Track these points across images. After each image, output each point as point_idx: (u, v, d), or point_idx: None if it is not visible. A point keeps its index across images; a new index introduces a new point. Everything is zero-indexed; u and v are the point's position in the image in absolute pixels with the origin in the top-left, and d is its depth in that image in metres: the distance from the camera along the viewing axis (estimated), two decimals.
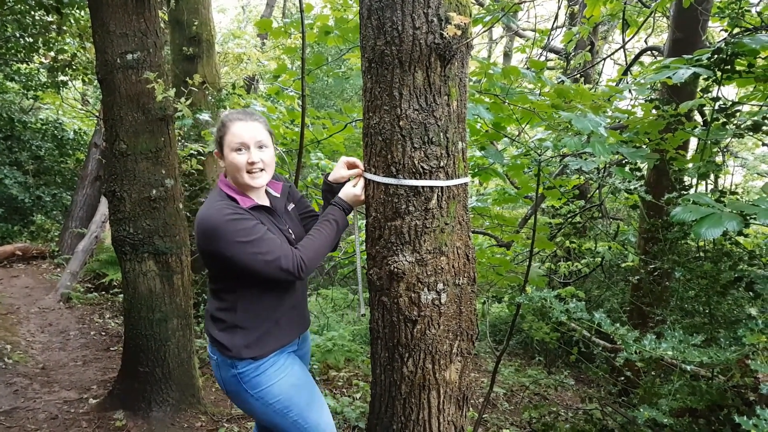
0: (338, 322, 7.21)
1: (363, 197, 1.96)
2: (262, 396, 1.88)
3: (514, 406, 5.47)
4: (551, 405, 5.48)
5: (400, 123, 1.90)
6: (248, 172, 1.85)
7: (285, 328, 1.95)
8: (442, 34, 1.82)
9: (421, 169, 1.91)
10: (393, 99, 1.89)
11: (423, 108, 1.88)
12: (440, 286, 1.99)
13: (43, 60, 8.09)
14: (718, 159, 4.92)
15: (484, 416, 4.25)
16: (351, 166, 2.08)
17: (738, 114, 3.67)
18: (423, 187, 1.92)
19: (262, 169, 1.88)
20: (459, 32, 1.79)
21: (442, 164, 1.92)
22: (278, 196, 2.07)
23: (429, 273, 1.97)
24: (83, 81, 6.74)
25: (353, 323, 7.35)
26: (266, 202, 2.00)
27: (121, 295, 6.60)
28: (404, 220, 1.95)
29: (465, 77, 1.99)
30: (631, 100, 5.72)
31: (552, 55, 8.39)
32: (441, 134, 1.91)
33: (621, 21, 6.98)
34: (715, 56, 3.32)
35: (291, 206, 2.12)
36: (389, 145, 1.93)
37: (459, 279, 2.03)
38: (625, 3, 6.28)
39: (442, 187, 1.94)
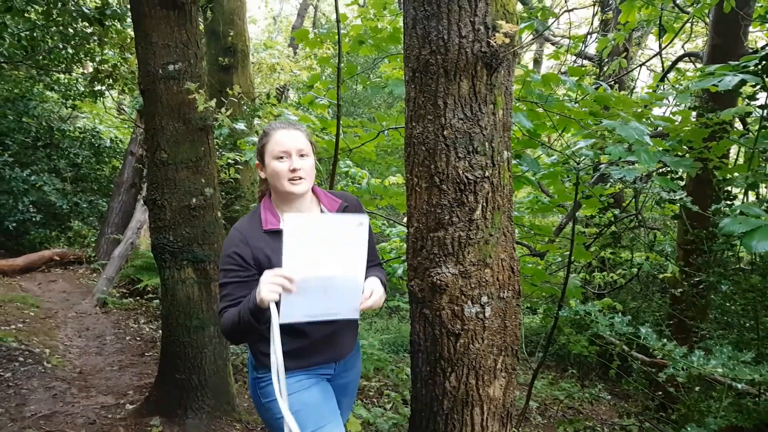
0: (367, 330, 7.18)
1: (262, 295, 1.60)
2: (270, 407, 1.86)
3: (547, 420, 5.35)
4: (587, 419, 5.35)
5: (445, 132, 1.87)
6: (290, 180, 1.84)
7: (308, 352, 1.89)
8: (489, 42, 1.79)
9: (465, 179, 1.88)
10: (437, 108, 1.87)
11: (468, 117, 1.85)
12: (484, 299, 1.95)
13: (83, 71, 8.31)
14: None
15: (518, 431, 4.16)
16: None
17: None
18: (467, 196, 1.88)
19: (301, 178, 1.86)
20: (507, 40, 1.76)
21: (487, 174, 1.89)
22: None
23: (473, 285, 1.93)
24: (123, 90, 6.90)
25: (382, 332, 7.32)
26: None
27: (156, 301, 6.71)
28: (447, 231, 1.91)
29: (510, 85, 1.96)
30: (668, 107, 5.58)
31: (583, 62, 8.27)
32: (486, 143, 1.88)
33: (655, 27, 6.84)
34: (763, 62, 3.22)
35: None
36: (433, 154, 1.90)
37: (503, 292, 1.99)
38: (662, 9, 6.15)
39: (486, 197, 1.90)
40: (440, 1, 1.79)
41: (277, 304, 1.62)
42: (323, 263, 1.62)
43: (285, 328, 1.81)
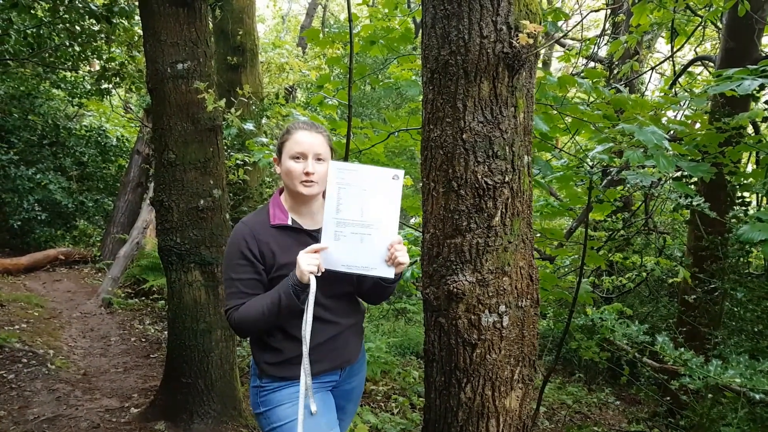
0: (373, 333, 7.12)
1: (302, 268, 1.69)
2: (268, 415, 1.85)
3: (555, 424, 5.30)
4: (595, 425, 5.29)
5: (464, 136, 1.81)
6: (302, 182, 1.81)
7: (313, 359, 1.83)
8: (512, 42, 1.73)
9: (484, 185, 1.82)
10: (456, 111, 1.81)
11: (488, 120, 1.80)
12: (502, 308, 1.89)
13: (89, 69, 8.28)
14: None
15: None
16: None
17: None
18: (486, 202, 1.82)
19: (314, 182, 1.82)
20: (531, 41, 1.70)
21: (506, 179, 1.83)
22: None
23: (490, 294, 1.88)
24: (131, 89, 6.87)
25: (389, 334, 7.26)
26: (316, 221, 1.91)
27: (161, 301, 6.67)
28: (465, 237, 1.86)
29: (532, 88, 1.90)
30: (681, 110, 5.51)
31: (596, 65, 8.19)
32: (506, 148, 1.82)
33: (666, 30, 6.75)
34: None
35: None
36: (451, 158, 1.84)
37: (522, 301, 1.93)
38: (674, 11, 6.07)
39: (506, 203, 1.84)
40: (461, 0, 1.73)
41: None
42: (360, 211, 1.75)
43: (288, 334, 1.81)
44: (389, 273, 1.77)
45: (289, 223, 1.84)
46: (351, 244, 1.76)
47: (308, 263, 1.69)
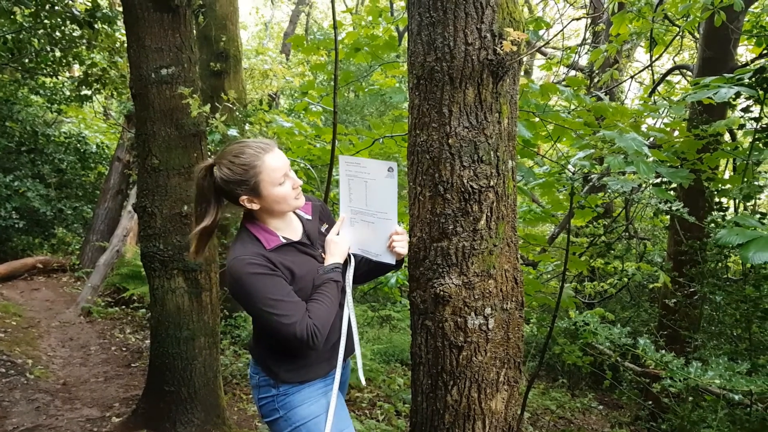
0: (358, 340, 7.09)
1: (341, 245, 1.91)
2: (289, 417, 1.85)
3: (539, 430, 5.33)
4: (579, 429, 5.34)
5: (449, 141, 1.84)
6: (295, 197, 1.80)
7: (328, 358, 1.90)
8: (496, 49, 1.76)
9: (470, 189, 1.84)
10: (442, 116, 1.84)
11: (473, 126, 1.82)
12: (488, 310, 1.91)
13: (69, 74, 8.17)
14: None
15: None
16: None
17: None
18: (472, 206, 1.85)
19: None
20: (514, 48, 1.73)
21: (492, 183, 1.85)
22: (310, 218, 1.96)
23: (476, 297, 1.89)
24: (112, 95, 6.78)
25: (374, 341, 7.25)
26: (296, 229, 1.91)
27: (142, 310, 6.58)
28: (451, 240, 1.88)
29: (516, 94, 1.93)
30: (660, 118, 5.63)
31: (577, 73, 8.32)
32: (491, 152, 1.85)
33: (645, 39, 6.90)
34: (758, 75, 3.25)
35: (324, 227, 2.01)
36: (437, 163, 1.86)
37: (507, 303, 1.95)
38: (653, 21, 6.21)
39: (491, 207, 1.87)
40: (446, 8, 1.76)
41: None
42: (365, 200, 1.90)
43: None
44: (392, 260, 1.92)
45: (283, 241, 1.81)
46: (363, 231, 1.93)
47: (344, 240, 1.89)
